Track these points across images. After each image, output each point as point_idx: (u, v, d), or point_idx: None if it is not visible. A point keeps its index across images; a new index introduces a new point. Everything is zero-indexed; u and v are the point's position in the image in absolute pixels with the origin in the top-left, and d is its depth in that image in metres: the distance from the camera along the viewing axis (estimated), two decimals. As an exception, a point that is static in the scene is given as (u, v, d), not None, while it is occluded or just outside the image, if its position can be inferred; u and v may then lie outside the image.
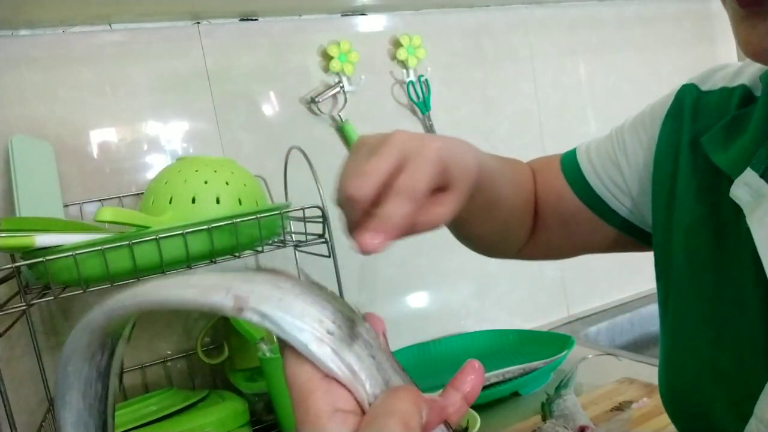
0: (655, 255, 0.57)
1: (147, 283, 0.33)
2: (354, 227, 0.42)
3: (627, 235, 0.62)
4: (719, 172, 0.49)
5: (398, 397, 0.30)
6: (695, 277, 0.52)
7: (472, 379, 0.35)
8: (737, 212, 0.46)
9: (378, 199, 0.41)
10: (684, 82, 0.57)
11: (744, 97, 0.51)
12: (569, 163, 0.64)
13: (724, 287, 0.49)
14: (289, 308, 0.30)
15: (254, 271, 0.33)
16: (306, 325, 0.30)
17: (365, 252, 0.39)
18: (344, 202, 0.42)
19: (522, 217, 0.65)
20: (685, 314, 0.53)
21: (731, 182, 0.47)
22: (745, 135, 0.48)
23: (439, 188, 0.45)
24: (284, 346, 0.30)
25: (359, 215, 0.41)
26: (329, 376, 0.30)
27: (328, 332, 0.30)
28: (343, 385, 0.30)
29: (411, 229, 0.42)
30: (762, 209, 0.44)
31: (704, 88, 0.55)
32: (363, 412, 0.30)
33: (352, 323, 0.32)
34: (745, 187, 0.46)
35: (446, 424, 0.34)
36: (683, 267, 0.53)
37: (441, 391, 0.36)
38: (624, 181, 0.60)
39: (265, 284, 0.31)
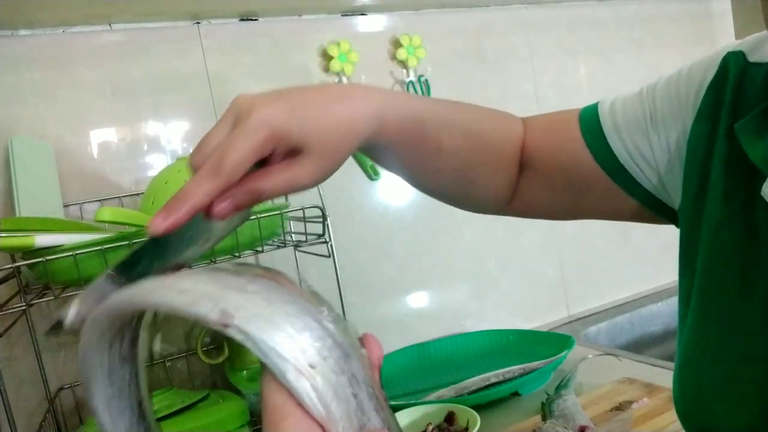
0: (680, 250, 0.52)
1: (141, 285, 0.33)
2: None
3: (648, 209, 0.56)
4: (753, 167, 0.44)
5: None
6: (721, 281, 0.47)
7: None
8: None
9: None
10: (730, 48, 0.50)
11: None
12: (590, 124, 0.56)
13: (751, 297, 0.45)
14: (275, 331, 0.28)
15: (252, 277, 0.31)
16: (288, 353, 0.28)
17: (152, 234, 0.37)
18: (190, 170, 0.41)
19: (489, 169, 0.58)
20: (707, 319, 0.49)
21: (764, 178, 0.43)
22: None
23: (295, 151, 0.41)
24: (264, 367, 0.29)
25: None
26: None
27: (311, 365, 0.28)
28: (318, 421, 0.28)
29: (259, 195, 0.40)
30: None
31: (752, 58, 0.48)
32: None
33: (343, 354, 0.30)
34: None
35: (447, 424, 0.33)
36: (709, 268, 0.49)
37: None
38: (653, 155, 0.53)
39: (257, 298, 0.30)
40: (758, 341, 0.44)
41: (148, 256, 0.39)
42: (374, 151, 0.51)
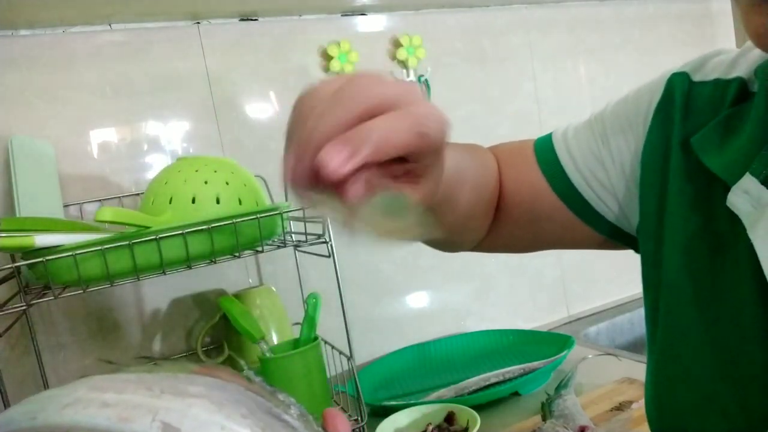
0: (642, 266, 0.52)
1: (50, 398, 0.25)
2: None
3: (611, 240, 0.56)
4: (712, 177, 0.44)
5: None
6: (690, 295, 0.46)
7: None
8: (735, 222, 0.41)
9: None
10: (674, 70, 0.51)
11: (740, 91, 0.46)
12: (545, 154, 0.56)
13: (722, 309, 0.44)
14: None
15: (189, 376, 0.27)
16: None
17: (327, 173, 0.30)
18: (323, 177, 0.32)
19: (483, 212, 0.57)
20: (678, 336, 0.47)
21: (727, 188, 0.42)
22: (741, 136, 0.43)
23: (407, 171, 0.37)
24: None
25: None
26: None
27: None
28: None
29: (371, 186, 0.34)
30: (766, 221, 0.39)
31: (696, 78, 0.49)
32: None
33: None
34: (745, 195, 0.41)
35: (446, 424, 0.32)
36: (676, 283, 0.47)
37: None
38: (608, 179, 0.53)
39: (202, 402, 0.25)
40: (735, 357, 0.42)
41: None
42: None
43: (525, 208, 0.57)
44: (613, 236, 0.55)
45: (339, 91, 0.33)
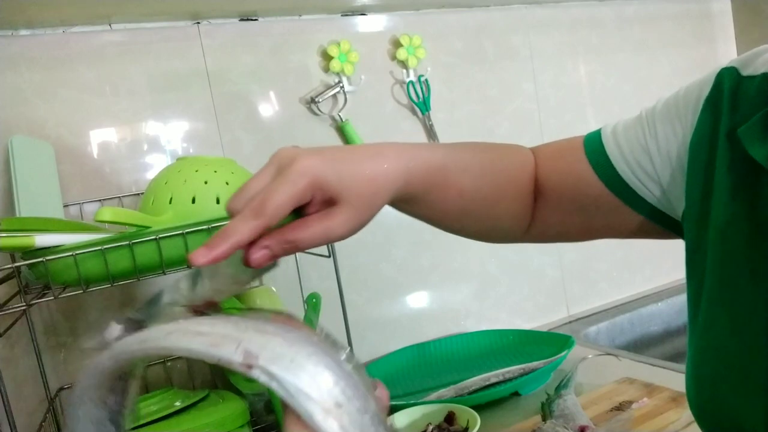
0: (687, 253, 0.54)
1: (156, 328, 0.32)
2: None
3: (653, 223, 0.59)
4: (758, 167, 0.46)
5: None
6: (730, 280, 0.49)
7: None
8: None
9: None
10: (724, 65, 0.53)
11: None
12: (593, 146, 0.60)
13: (760, 293, 0.46)
14: (300, 372, 0.28)
15: (267, 319, 0.31)
16: (315, 393, 0.28)
17: (191, 263, 0.40)
18: (228, 214, 0.44)
19: (509, 203, 0.61)
20: (718, 319, 0.50)
21: None
22: None
23: (329, 201, 0.45)
24: (287, 408, 0.29)
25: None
26: None
27: (337, 404, 0.28)
28: None
29: (295, 244, 0.44)
30: None
31: (745, 72, 0.50)
32: None
33: (363, 394, 0.30)
34: None
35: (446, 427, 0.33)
36: (717, 268, 0.50)
37: None
38: (654, 168, 0.56)
39: (277, 339, 0.30)
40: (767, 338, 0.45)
41: (171, 292, 0.40)
42: (403, 203, 0.55)
43: (573, 196, 0.61)
44: (653, 218, 0.58)
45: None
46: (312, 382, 0.28)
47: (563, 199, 0.62)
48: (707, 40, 1.59)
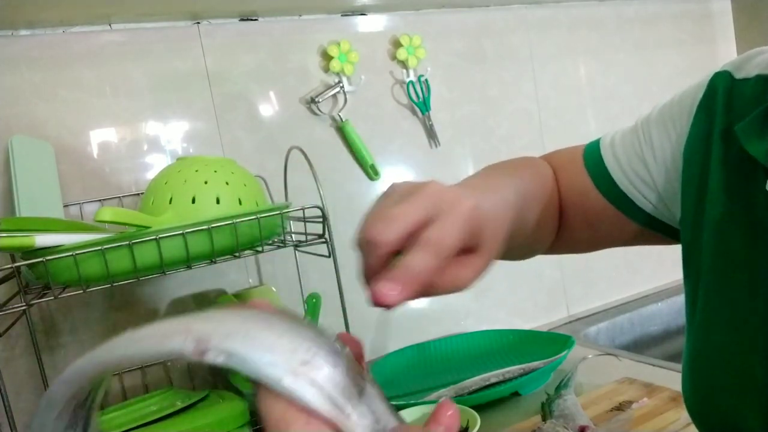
0: (683, 253, 0.55)
1: (102, 346, 0.31)
2: (371, 275, 0.39)
3: (652, 231, 0.60)
4: (754, 164, 0.46)
5: None
6: (726, 277, 0.49)
7: (450, 413, 0.32)
8: None
9: (400, 250, 0.38)
10: (717, 69, 0.53)
11: None
12: (593, 158, 0.61)
13: (757, 290, 0.46)
14: (257, 342, 0.27)
15: (214, 310, 0.30)
16: (277, 358, 0.27)
17: (379, 304, 0.36)
18: (365, 245, 0.38)
19: (548, 229, 0.63)
20: (715, 317, 0.50)
21: (767, 176, 0.44)
22: None
23: (466, 249, 0.41)
24: (258, 385, 0.28)
25: (378, 262, 0.38)
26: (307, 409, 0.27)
27: (303, 362, 0.27)
28: (325, 418, 0.27)
29: (429, 289, 0.39)
30: None
31: (739, 75, 0.51)
32: None
33: (331, 350, 0.28)
34: None
35: None
36: (713, 266, 0.50)
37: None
38: (650, 175, 0.56)
39: (228, 320, 0.29)
40: (765, 335, 0.45)
41: None
42: None
43: (578, 210, 0.62)
44: (652, 227, 0.59)
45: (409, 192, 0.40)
46: (271, 349, 0.27)
47: (570, 213, 0.63)
48: (707, 40, 1.59)
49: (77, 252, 0.69)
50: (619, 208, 0.59)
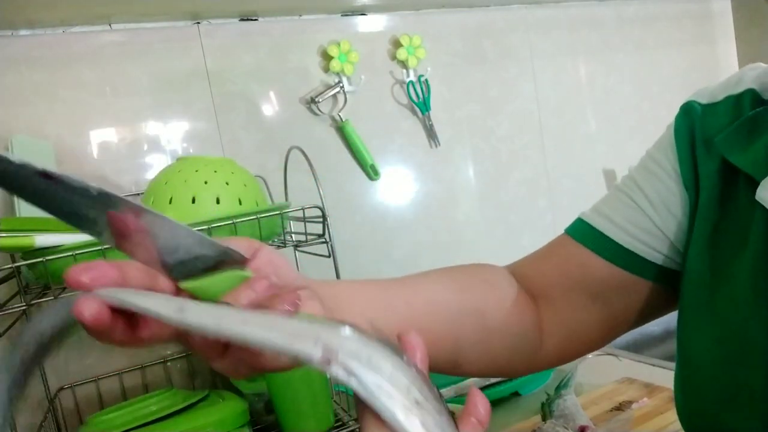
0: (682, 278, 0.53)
1: (231, 312, 0.31)
2: None
3: (666, 286, 0.55)
4: (735, 175, 0.46)
5: None
6: (712, 289, 0.48)
7: (481, 403, 0.34)
8: (763, 216, 0.44)
9: None
10: (681, 104, 0.54)
11: (754, 100, 0.49)
12: (581, 231, 0.58)
13: (749, 302, 0.45)
14: (378, 370, 0.28)
15: (335, 321, 0.31)
16: (395, 391, 0.28)
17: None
18: None
19: (504, 318, 0.57)
20: (706, 328, 0.49)
21: (750, 184, 0.44)
22: (765, 135, 0.46)
23: None
24: (364, 406, 0.29)
25: None
26: None
27: (417, 403, 0.28)
28: None
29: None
30: None
31: (705, 101, 0.52)
32: None
33: (437, 396, 0.30)
34: None
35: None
36: (699, 277, 0.50)
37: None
38: (651, 221, 0.54)
39: (352, 338, 0.29)
40: (760, 346, 0.44)
41: None
42: None
43: (581, 287, 0.58)
44: (664, 280, 0.55)
45: None
46: (391, 380, 0.28)
47: (572, 292, 0.58)
48: (707, 40, 1.59)
49: (77, 252, 0.68)
50: (624, 267, 0.55)
